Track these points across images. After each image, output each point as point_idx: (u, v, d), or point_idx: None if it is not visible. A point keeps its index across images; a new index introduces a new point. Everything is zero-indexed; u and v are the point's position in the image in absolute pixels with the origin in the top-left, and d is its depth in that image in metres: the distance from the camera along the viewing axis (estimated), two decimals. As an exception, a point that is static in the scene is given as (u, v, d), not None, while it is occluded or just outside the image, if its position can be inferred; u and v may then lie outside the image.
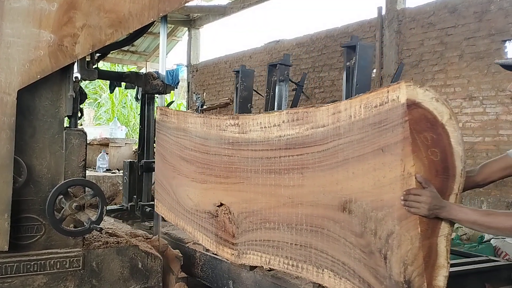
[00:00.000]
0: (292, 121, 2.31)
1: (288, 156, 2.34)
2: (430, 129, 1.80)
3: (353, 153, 1.98)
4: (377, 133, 1.87)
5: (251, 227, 2.62)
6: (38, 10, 2.69)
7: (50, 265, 2.91)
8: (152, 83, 4.78)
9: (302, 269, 2.30)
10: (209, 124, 3.00)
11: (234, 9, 12.95)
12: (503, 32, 7.12)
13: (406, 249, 1.79)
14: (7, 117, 2.63)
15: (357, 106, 1.96)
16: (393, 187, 1.81)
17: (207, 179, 3.01)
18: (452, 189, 1.85)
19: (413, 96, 1.78)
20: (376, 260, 1.89)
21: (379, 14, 8.99)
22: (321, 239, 2.17)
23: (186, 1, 3.09)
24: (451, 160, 1.83)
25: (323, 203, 2.14)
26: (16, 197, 2.72)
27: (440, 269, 1.82)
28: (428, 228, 1.81)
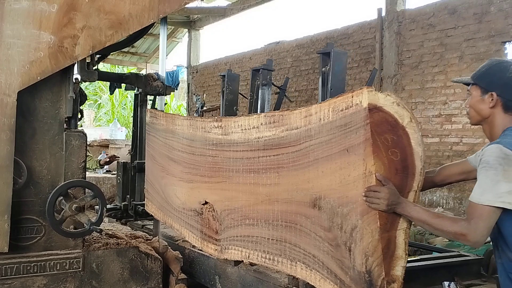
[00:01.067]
0: (269, 123, 2.46)
1: (266, 156, 2.48)
2: (391, 131, 1.92)
3: (322, 153, 2.13)
4: (343, 135, 2.02)
5: (232, 224, 2.76)
6: (38, 12, 2.69)
7: (50, 267, 2.90)
8: (152, 85, 4.78)
9: (277, 262, 2.44)
10: (195, 126, 3.14)
11: (234, 11, 12.96)
12: (503, 34, 7.13)
13: (367, 242, 1.93)
14: (7, 118, 2.63)
15: (326, 109, 2.11)
16: (357, 185, 1.96)
17: (193, 178, 3.14)
18: (411, 187, 1.96)
19: (375, 101, 1.91)
20: (342, 252, 2.04)
21: (379, 16, 9.00)
22: (295, 234, 2.31)
23: (186, 3, 3.09)
24: (411, 159, 1.94)
25: (296, 200, 2.29)
26: (16, 199, 2.72)
27: (398, 260, 1.94)
28: (387, 222, 1.93)
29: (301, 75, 10.66)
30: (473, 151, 7.45)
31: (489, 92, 2.03)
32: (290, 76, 10.99)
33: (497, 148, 1.88)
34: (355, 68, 9.50)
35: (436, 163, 7.97)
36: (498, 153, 1.86)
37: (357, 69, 9.45)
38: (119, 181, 5.17)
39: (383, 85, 8.86)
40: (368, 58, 9.22)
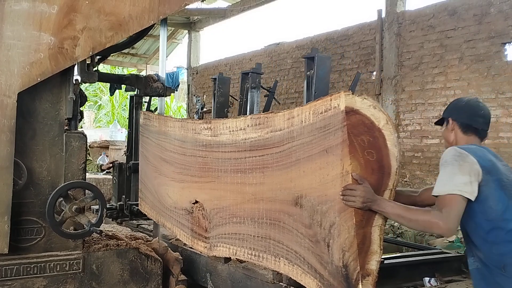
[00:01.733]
0: (255, 125, 2.56)
1: (252, 157, 2.59)
2: (367, 133, 2.03)
3: (304, 154, 2.23)
4: (323, 136, 2.13)
5: (221, 222, 2.87)
6: (38, 13, 2.69)
7: (50, 268, 2.90)
8: (152, 86, 4.79)
9: (262, 258, 2.55)
10: (186, 127, 3.25)
11: (234, 12, 12.97)
12: (502, 35, 7.13)
13: (344, 238, 2.04)
14: (7, 119, 2.63)
15: (307, 112, 2.21)
16: (335, 184, 2.06)
17: (184, 178, 3.25)
18: (387, 185, 2.07)
19: (352, 104, 2.02)
20: (321, 248, 2.15)
21: (379, 17, 9.00)
22: (278, 231, 2.42)
23: (186, 4, 3.09)
24: (387, 160, 2.04)
25: (280, 198, 2.40)
26: (16, 200, 2.72)
27: (373, 254, 2.04)
28: (363, 219, 2.03)
29: (301, 76, 10.66)
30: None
31: (448, 119, 2.32)
32: (290, 77, 11.00)
33: (453, 149, 2.13)
34: (355, 70, 9.50)
35: (436, 164, 7.97)
36: (454, 152, 2.10)
37: (357, 70, 9.45)
38: (115, 182, 5.26)
39: (383, 86, 8.87)
40: (368, 59, 9.22)
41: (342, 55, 9.76)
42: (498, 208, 2.05)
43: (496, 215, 2.05)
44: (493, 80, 7.23)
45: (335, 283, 2.09)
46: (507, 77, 7.09)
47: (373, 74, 9.12)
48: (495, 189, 2.07)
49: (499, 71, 7.17)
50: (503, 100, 7.10)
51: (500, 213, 2.05)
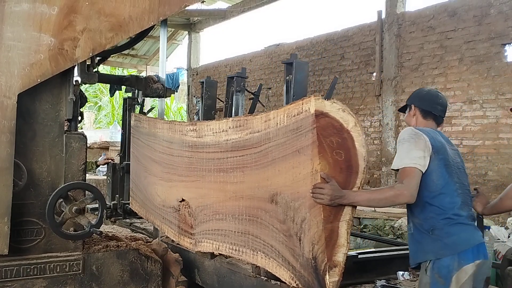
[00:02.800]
0: (236, 127, 2.70)
1: (233, 157, 2.73)
2: (336, 134, 2.17)
3: (279, 154, 2.39)
4: (295, 138, 2.27)
5: (205, 219, 3.02)
6: (38, 14, 2.69)
7: (50, 269, 2.90)
8: (152, 87, 4.79)
9: (242, 252, 2.70)
10: (174, 129, 3.40)
11: (234, 13, 12.98)
12: (502, 36, 7.13)
13: (314, 232, 2.19)
14: (7, 120, 2.63)
15: (281, 115, 2.36)
16: (306, 182, 2.21)
17: (172, 177, 3.39)
18: (355, 183, 2.21)
19: (321, 108, 2.16)
20: (293, 242, 2.30)
21: (379, 18, 9.01)
22: (256, 226, 2.57)
23: (186, 5, 3.09)
24: (355, 159, 2.20)
25: (258, 196, 2.55)
26: (16, 201, 2.72)
27: (340, 247, 2.19)
28: (331, 215, 2.18)
29: (301, 77, 10.67)
30: (473, 153, 7.45)
31: (410, 105, 2.57)
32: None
33: (409, 128, 2.39)
34: (355, 71, 9.51)
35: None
36: (410, 132, 2.35)
37: (357, 71, 9.46)
38: (109, 181, 5.42)
39: (383, 87, 8.87)
40: (368, 60, 9.23)
41: (342, 56, 9.76)
42: (439, 182, 2.30)
43: (436, 188, 2.30)
44: (493, 81, 7.23)
45: (305, 274, 2.25)
46: (507, 78, 7.09)
47: (373, 75, 9.12)
48: (440, 166, 2.31)
49: (499, 72, 7.17)
50: (503, 101, 7.10)
51: (440, 187, 2.30)
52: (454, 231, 2.28)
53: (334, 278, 2.18)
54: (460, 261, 2.26)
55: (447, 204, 2.30)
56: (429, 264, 2.31)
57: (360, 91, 9.39)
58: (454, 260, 2.26)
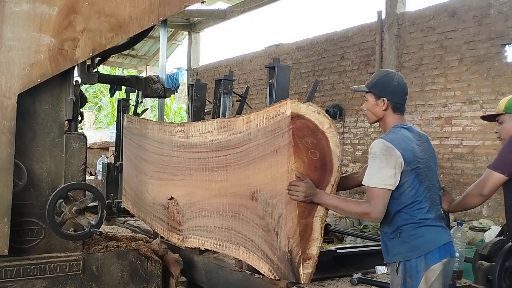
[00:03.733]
0: (221, 128, 2.84)
1: (218, 156, 2.86)
2: (311, 135, 2.29)
3: (259, 154, 2.51)
4: (273, 138, 2.40)
5: (192, 216, 3.16)
6: (38, 14, 2.70)
7: (50, 269, 2.90)
8: (152, 87, 4.79)
9: (225, 247, 2.84)
10: (163, 130, 3.54)
11: (234, 13, 12.97)
12: (502, 36, 7.13)
13: (290, 227, 2.32)
14: (8, 120, 2.63)
15: (261, 117, 2.49)
16: (283, 180, 2.34)
17: (162, 176, 3.53)
18: (329, 181, 2.34)
19: (297, 110, 2.28)
20: (271, 236, 2.44)
21: (379, 18, 9.01)
22: (238, 222, 2.70)
23: (186, 5, 3.09)
24: (329, 159, 2.32)
25: (240, 193, 2.68)
26: (16, 201, 2.72)
27: (314, 241, 2.32)
28: (305, 210, 2.30)
29: (301, 77, 10.67)
30: (473, 154, 7.45)
31: (381, 98, 2.47)
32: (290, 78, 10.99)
33: (381, 142, 2.34)
34: (355, 71, 9.51)
35: (436, 165, 7.97)
36: (382, 146, 2.31)
37: (357, 72, 9.46)
38: (104, 181, 5.54)
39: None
40: (368, 60, 9.23)
41: (342, 56, 9.76)
42: (410, 193, 2.36)
43: (407, 199, 2.35)
44: (493, 81, 7.23)
45: (282, 266, 2.40)
46: (507, 78, 7.09)
47: (373, 75, 9.13)
48: (412, 177, 2.35)
49: (499, 72, 7.17)
50: (503, 101, 7.10)
51: (410, 197, 2.35)
52: (421, 233, 2.37)
53: (308, 270, 2.32)
54: (427, 261, 2.34)
55: (416, 210, 2.38)
56: (399, 265, 2.39)
57: (360, 92, 9.40)
58: (422, 261, 2.34)
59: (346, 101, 9.57)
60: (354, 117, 9.42)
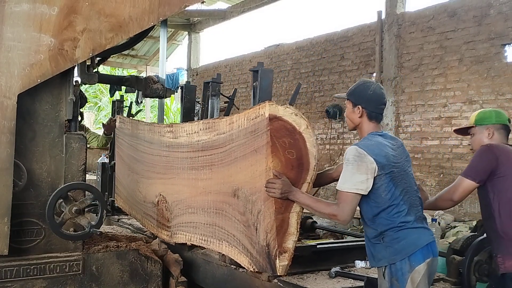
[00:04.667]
0: (206, 129, 2.97)
1: (203, 156, 3.00)
2: (289, 136, 2.44)
3: (240, 153, 2.65)
4: (253, 139, 2.53)
5: (179, 213, 3.30)
6: (38, 14, 2.69)
7: (49, 269, 2.90)
8: (152, 87, 4.80)
9: (210, 242, 2.99)
10: (153, 130, 3.69)
11: (234, 13, 12.97)
12: (502, 36, 7.13)
13: (267, 222, 2.47)
14: (7, 120, 2.63)
15: (243, 118, 2.63)
16: (261, 178, 2.48)
17: (152, 175, 3.68)
18: (305, 179, 2.50)
19: (275, 112, 2.43)
20: (251, 231, 2.59)
21: (379, 18, 9.01)
22: (221, 218, 2.86)
23: (186, 5, 3.09)
24: (306, 158, 2.47)
25: (223, 191, 2.82)
26: (16, 201, 2.72)
27: (290, 235, 2.48)
28: (282, 206, 2.46)
29: (301, 77, 10.67)
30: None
31: (357, 105, 2.59)
32: (289, 78, 11.00)
33: (354, 148, 2.44)
34: (355, 71, 9.51)
35: (436, 165, 7.97)
36: (355, 152, 2.41)
37: (357, 72, 9.46)
38: (98, 180, 5.65)
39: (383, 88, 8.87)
40: (368, 60, 9.23)
41: (342, 57, 9.77)
42: (386, 197, 2.43)
43: (384, 202, 2.44)
44: (493, 81, 7.23)
45: (260, 259, 2.55)
46: (507, 78, 7.10)
47: (373, 75, 9.12)
48: (386, 181, 2.43)
49: (499, 72, 7.17)
50: (503, 101, 7.10)
51: (387, 200, 2.44)
52: (403, 236, 2.43)
53: (284, 262, 2.46)
54: (411, 263, 2.41)
55: (394, 214, 2.45)
56: (385, 269, 2.46)
57: (360, 92, 9.40)
58: (406, 263, 2.41)
59: (346, 101, 9.57)
60: (354, 117, 9.43)
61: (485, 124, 2.93)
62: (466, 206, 7.39)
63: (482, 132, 2.93)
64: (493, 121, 2.93)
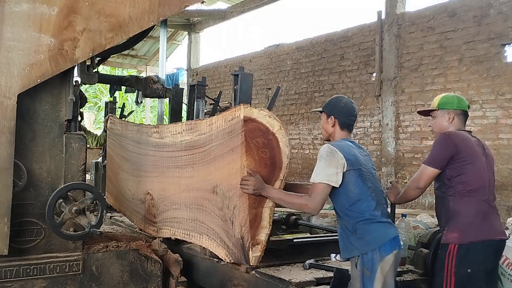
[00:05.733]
0: (188, 130, 3.15)
1: (186, 155, 3.18)
2: (262, 136, 2.62)
3: (218, 153, 2.84)
4: (230, 139, 2.72)
5: (164, 209, 3.49)
6: (38, 14, 2.69)
7: (49, 269, 2.90)
8: (152, 87, 4.79)
9: (192, 236, 3.18)
10: (141, 131, 3.88)
11: (234, 13, 12.98)
12: (502, 36, 7.13)
13: (242, 216, 2.67)
14: (7, 121, 2.63)
15: (221, 120, 2.81)
16: (237, 175, 2.67)
17: (140, 174, 3.86)
18: (278, 177, 2.69)
19: (249, 114, 2.61)
20: (228, 225, 2.80)
21: (379, 18, 9.01)
22: (202, 213, 3.05)
23: (186, 5, 3.10)
24: (279, 157, 2.66)
25: (204, 188, 3.01)
26: (16, 201, 2.72)
27: (263, 229, 2.68)
28: (255, 202, 2.66)
29: (301, 77, 10.67)
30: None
31: (330, 116, 2.87)
32: (289, 78, 11.01)
33: (327, 146, 2.72)
34: (355, 71, 9.51)
35: (436, 165, 7.95)
36: (327, 149, 2.69)
37: (357, 72, 9.46)
38: (92, 179, 5.77)
39: (383, 88, 8.87)
40: (368, 60, 9.23)
41: (342, 57, 9.77)
42: (356, 191, 2.68)
43: (354, 196, 2.68)
44: (493, 81, 7.23)
45: (236, 251, 2.75)
46: (507, 78, 7.10)
47: (373, 75, 9.13)
48: (355, 177, 2.69)
49: (499, 72, 7.17)
50: (503, 101, 7.10)
51: (357, 194, 2.69)
52: (373, 229, 2.68)
53: (257, 253, 2.66)
54: (381, 253, 2.65)
55: (364, 208, 2.69)
56: (357, 260, 2.68)
57: (360, 92, 9.39)
58: (377, 253, 2.65)
59: (346, 101, 9.57)
60: (354, 117, 9.43)
61: (447, 109, 3.11)
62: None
63: (444, 116, 3.12)
64: (455, 106, 3.12)
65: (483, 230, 2.91)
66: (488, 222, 2.95)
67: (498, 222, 3.08)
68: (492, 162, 3.11)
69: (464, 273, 2.86)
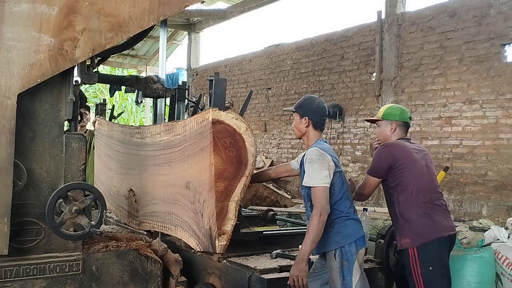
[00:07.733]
0: (166, 130, 3.38)
1: (164, 154, 3.40)
2: (229, 137, 2.87)
3: (191, 152, 3.07)
4: (201, 139, 2.96)
5: (145, 204, 3.72)
6: (38, 14, 2.70)
7: (49, 269, 2.90)
8: (152, 87, 4.79)
9: (168, 229, 3.40)
10: (125, 132, 4.12)
11: (234, 13, 12.97)
12: (502, 36, 7.13)
13: (210, 209, 2.90)
14: (7, 120, 2.63)
15: (193, 122, 3.05)
16: (206, 172, 2.90)
17: (124, 171, 4.10)
18: (243, 173, 2.91)
19: (218, 117, 2.86)
20: (198, 217, 3.02)
21: (379, 18, 9.01)
22: (177, 207, 3.26)
23: (186, 5, 3.10)
24: (245, 156, 2.90)
25: (178, 184, 3.22)
26: (16, 201, 2.72)
27: (229, 220, 2.90)
28: (222, 196, 2.88)
29: (301, 77, 10.67)
30: (473, 153, 7.45)
31: (304, 116, 3.08)
32: (289, 78, 11.00)
33: (316, 149, 2.95)
34: (355, 71, 9.50)
35: (436, 165, 7.93)
36: (317, 153, 2.92)
37: (357, 72, 9.45)
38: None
39: (383, 88, 8.86)
40: (368, 60, 9.23)
41: (341, 56, 9.76)
42: (338, 191, 2.96)
43: (337, 194, 2.95)
44: (493, 81, 7.23)
45: (204, 240, 2.98)
46: (507, 78, 7.09)
47: (373, 75, 9.12)
48: (338, 178, 2.97)
49: (499, 72, 7.17)
50: (503, 101, 7.10)
51: (338, 194, 2.96)
52: (349, 224, 2.98)
53: (222, 242, 2.89)
54: (357, 246, 2.96)
55: (343, 206, 2.98)
56: (336, 252, 2.93)
57: (360, 91, 9.39)
58: (353, 246, 2.94)
59: (346, 101, 9.57)
60: (354, 117, 9.42)
61: (390, 120, 3.40)
62: (466, 206, 7.40)
63: (387, 126, 3.40)
64: (397, 118, 3.39)
65: (430, 231, 3.13)
66: (433, 222, 3.16)
67: (446, 218, 3.27)
68: (431, 164, 3.37)
69: (427, 271, 3.10)
